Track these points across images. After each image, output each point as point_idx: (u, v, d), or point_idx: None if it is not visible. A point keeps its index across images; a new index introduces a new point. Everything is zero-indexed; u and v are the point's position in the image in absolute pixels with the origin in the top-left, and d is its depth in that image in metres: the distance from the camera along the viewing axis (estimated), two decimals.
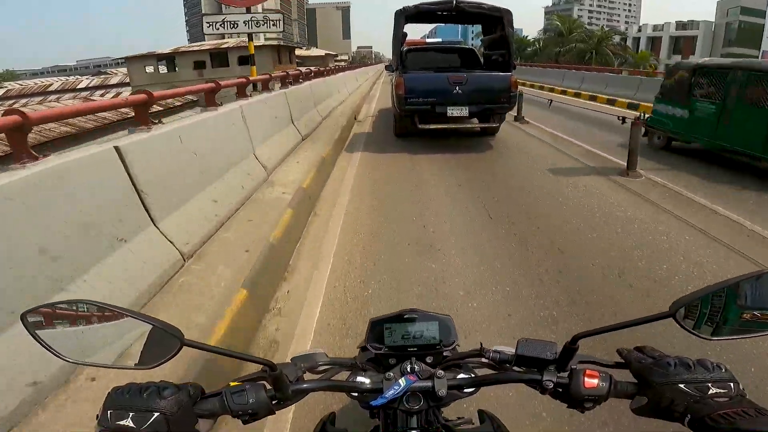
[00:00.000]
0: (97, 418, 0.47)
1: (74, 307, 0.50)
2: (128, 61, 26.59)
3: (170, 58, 26.65)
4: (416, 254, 2.82)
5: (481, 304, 2.25)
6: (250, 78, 5.24)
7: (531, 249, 2.86)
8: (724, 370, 0.49)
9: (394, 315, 0.65)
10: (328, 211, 3.70)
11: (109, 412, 0.47)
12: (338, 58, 56.13)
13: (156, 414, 0.47)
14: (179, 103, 14.69)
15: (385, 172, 4.95)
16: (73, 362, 0.49)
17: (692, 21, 43.49)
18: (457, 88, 5.67)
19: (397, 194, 4.15)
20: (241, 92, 4.46)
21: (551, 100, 9.93)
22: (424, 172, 4.93)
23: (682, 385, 0.48)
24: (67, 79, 23.45)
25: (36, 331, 0.47)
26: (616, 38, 35.36)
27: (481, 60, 7.49)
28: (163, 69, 27.00)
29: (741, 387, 0.48)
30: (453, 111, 5.75)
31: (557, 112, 9.58)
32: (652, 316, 0.47)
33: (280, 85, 6.02)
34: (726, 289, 0.47)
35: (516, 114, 8.03)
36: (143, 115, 2.57)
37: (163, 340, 0.48)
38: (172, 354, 0.48)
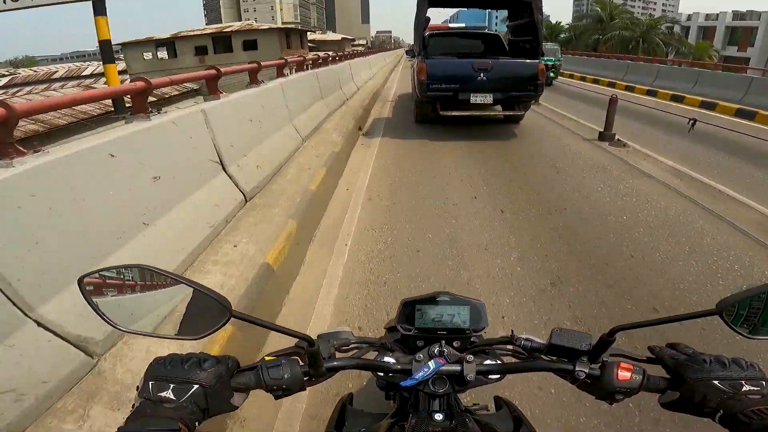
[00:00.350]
0: (137, 389, 0.51)
1: (128, 273, 0.54)
2: (124, 47, 26.79)
3: (170, 44, 27.12)
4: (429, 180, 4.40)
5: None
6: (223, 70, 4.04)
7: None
8: (757, 369, 0.54)
9: (426, 297, 0.69)
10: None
11: (150, 383, 0.51)
12: (355, 42, 57.14)
13: (195, 386, 0.51)
14: (177, 93, 14.91)
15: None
16: (122, 330, 0.53)
17: (751, 11, 42.49)
18: (482, 74, 5.89)
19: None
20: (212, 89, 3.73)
21: (694, 121, 6.13)
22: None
23: (716, 382, 0.52)
24: (73, 66, 24.31)
25: (91, 297, 0.52)
26: (664, 26, 34.64)
27: (506, 47, 7.63)
28: (163, 55, 27.66)
29: None
30: (477, 98, 5.99)
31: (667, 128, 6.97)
32: (697, 313, 0.51)
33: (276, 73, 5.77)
34: None
35: (603, 129, 5.96)
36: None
37: (211, 309, 0.51)
38: (220, 325, 0.52)
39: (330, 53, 9.19)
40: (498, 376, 0.65)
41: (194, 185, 2.65)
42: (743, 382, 0.51)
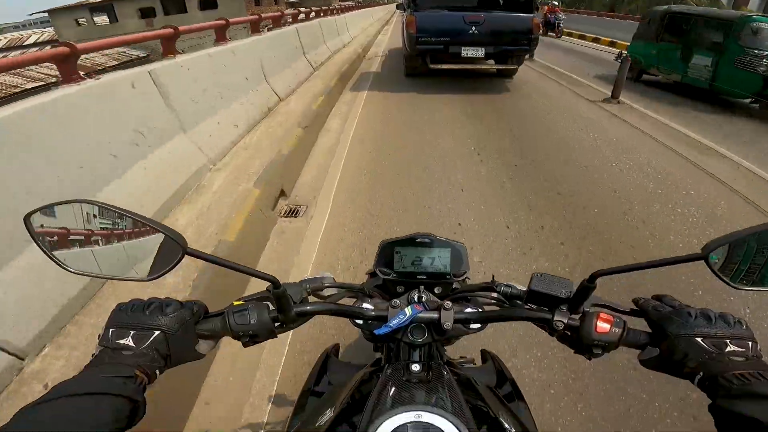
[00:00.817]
0: (98, 337, 0.53)
1: (77, 209, 0.53)
2: (51, 14, 25.43)
3: (108, 7, 25.85)
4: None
5: None
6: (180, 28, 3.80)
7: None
8: (745, 327, 0.53)
9: (405, 238, 0.71)
10: None
11: (110, 330, 0.52)
12: None
13: (157, 332, 0.52)
14: (114, 63, 13.90)
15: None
16: (71, 271, 0.53)
17: None
18: (474, 28, 6.23)
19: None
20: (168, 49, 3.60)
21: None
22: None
23: (699, 339, 0.51)
24: (14, 36, 23.04)
25: (38, 235, 0.52)
26: None
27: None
28: (102, 20, 26.45)
29: (759, 347, 0.51)
30: (468, 51, 6.37)
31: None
32: (682, 257, 0.51)
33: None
34: (759, 235, 0.51)
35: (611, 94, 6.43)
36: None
37: (169, 249, 0.53)
38: (173, 263, 0.53)
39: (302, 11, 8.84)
40: (479, 325, 0.66)
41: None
42: (728, 341, 0.51)
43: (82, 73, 2.54)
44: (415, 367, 0.62)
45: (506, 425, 0.58)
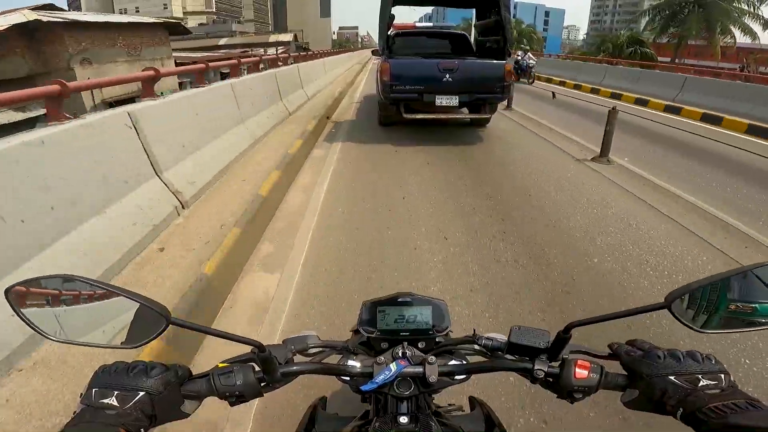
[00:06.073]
0: (80, 396, 0.55)
1: (59, 283, 0.57)
2: None
3: None
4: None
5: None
6: None
7: None
8: (714, 362, 0.57)
9: (387, 298, 0.75)
10: None
11: (93, 390, 0.54)
12: (281, 38, 39.40)
13: (141, 393, 0.55)
14: None
15: None
16: (57, 341, 0.56)
17: None
18: (448, 75, 6.17)
19: None
20: None
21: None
22: None
23: (672, 377, 0.56)
24: None
25: (20, 309, 0.55)
26: None
27: (474, 47, 8.18)
28: None
29: (732, 378, 0.55)
30: (442, 100, 6.30)
31: None
32: (648, 307, 0.56)
33: None
34: (720, 283, 0.56)
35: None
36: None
37: (150, 318, 0.56)
38: (157, 332, 0.56)
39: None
40: (463, 376, 0.70)
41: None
42: (700, 376, 0.55)
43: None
44: (403, 419, 0.65)
45: None
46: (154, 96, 3.71)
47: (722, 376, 0.55)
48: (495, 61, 6.48)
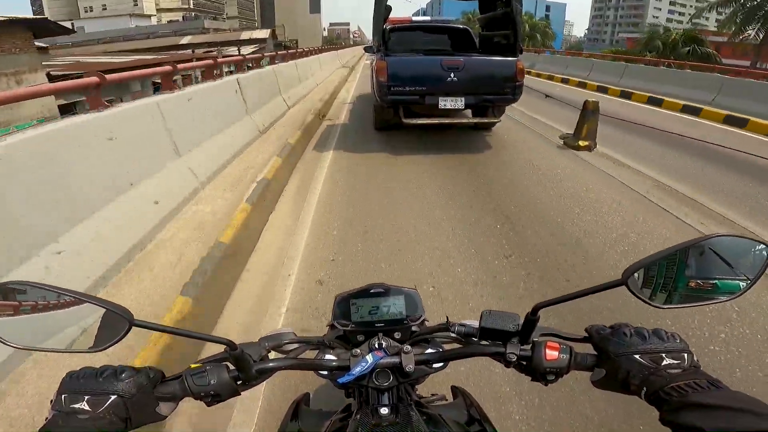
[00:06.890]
0: (51, 403, 0.54)
1: (21, 290, 0.56)
2: None
3: None
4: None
5: None
6: None
7: None
8: (678, 340, 0.58)
9: (359, 290, 0.75)
10: None
11: (63, 396, 0.54)
12: (255, 35, 34.33)
13: (113, 396, 0.54)
14: None
15: None
16: (20, 348, 0.56)
17: None
18: (452, 74, 5.49)
19: None
20: None
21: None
22: None
23: (637, 356, 0.56)
24: None
25: None
26: None
27: (477, 42, 7.68)
28: None
29: (695, 358, 0.56)
30: (446, 102, 5.62)
31: None
32: (606, 284, 0.56)
33: None
34: (677, 255, 0.57)
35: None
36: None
37: (114, 322, 0.55)
38: (120, 335, 0.55)
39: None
40: (441, 364, 0.71)
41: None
42: (663, 355, 0.56)
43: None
44: (384, 411, 0.66)
45: None
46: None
47: (685, 355, 0.56)
48: (505, 58, 5.75)
